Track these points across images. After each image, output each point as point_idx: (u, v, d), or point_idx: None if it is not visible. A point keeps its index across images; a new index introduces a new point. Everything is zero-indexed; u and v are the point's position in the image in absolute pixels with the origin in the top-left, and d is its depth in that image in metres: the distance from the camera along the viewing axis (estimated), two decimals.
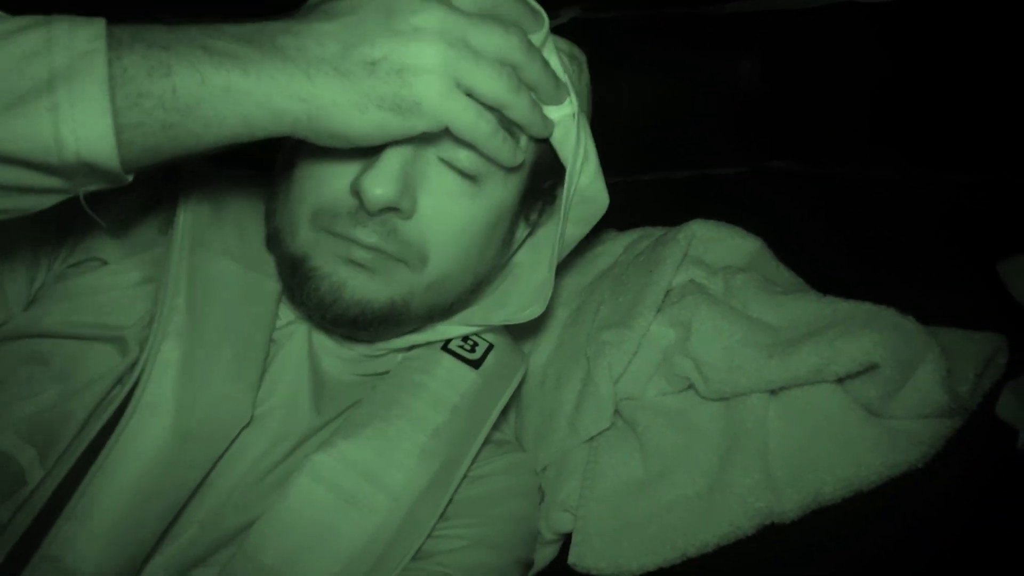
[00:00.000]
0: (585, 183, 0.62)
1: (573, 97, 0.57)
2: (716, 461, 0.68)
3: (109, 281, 0.60)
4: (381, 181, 0.53)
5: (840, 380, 0.64)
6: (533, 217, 0.69)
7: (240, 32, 0.45)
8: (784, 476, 0.63)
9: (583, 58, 0.67)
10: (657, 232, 0.85)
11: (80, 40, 0.39)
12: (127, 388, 0.54)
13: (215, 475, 0.59)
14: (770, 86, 1.04)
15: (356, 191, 0.54)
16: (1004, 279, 0.70)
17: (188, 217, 0.61)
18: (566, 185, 0.60)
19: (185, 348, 0.56)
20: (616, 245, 0.88)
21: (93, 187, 0.43)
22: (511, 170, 0.59)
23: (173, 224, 0.61)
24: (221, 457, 0.58)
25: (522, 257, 0.73)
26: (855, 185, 0.98)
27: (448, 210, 0.58)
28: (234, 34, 0.44)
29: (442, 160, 0.57)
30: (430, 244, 0.58)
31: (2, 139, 0.38)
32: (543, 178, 0.65)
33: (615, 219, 0.77)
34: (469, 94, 0.49)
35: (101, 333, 0.58)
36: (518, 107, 0.51)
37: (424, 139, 0.53)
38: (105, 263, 0.61)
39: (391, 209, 0.55)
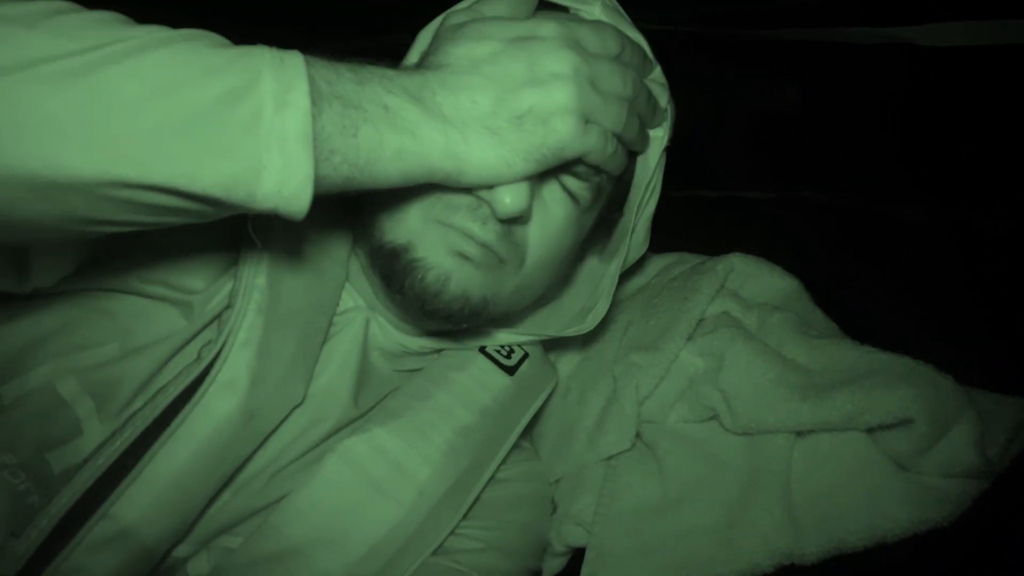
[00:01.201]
0: (644, 219, 0.68)
1: (668, 127, 0.64)
2: (736, 495, 0.68)
3: (189, 241, 0.61)
4: (515, 192, 0.54)
5: (870, 430, 0.65)
6: (585, 245, 0.71)
7: (409, 85, 0.48)
8: (807, 519, 0.64)
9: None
10: (693, 259, 0.85)
11: (288, 90, 0.41)
12: (206, 362, 0.55)
13: (259, 450, 0.60)
14: (808, 115, 1.05)
15: (481, 196, 0.56)
16: None
17: None
18: (633, 207, 0.66)
19: (264, 327, 0.57)
20: (649, 266, 0.89)
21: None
22: (599, 198, 0.64)
23: None
24: (271, 434, 0.60)
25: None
26: (885, 223, 0.98)
27: (552, 223, 0.61)
28: (405, 88, 0.47)
29: (557, 179, 0.60)
30: (531, 249, 0.61)
31: (205, 180, 0.40)
32: (613, 209, 0.69)
33: None
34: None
35: (170, 295, 0.59)
36: (631, 133, 0.56)
37: None
38: None
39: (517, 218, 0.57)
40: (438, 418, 0.64)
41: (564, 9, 0.64)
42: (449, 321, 0.61)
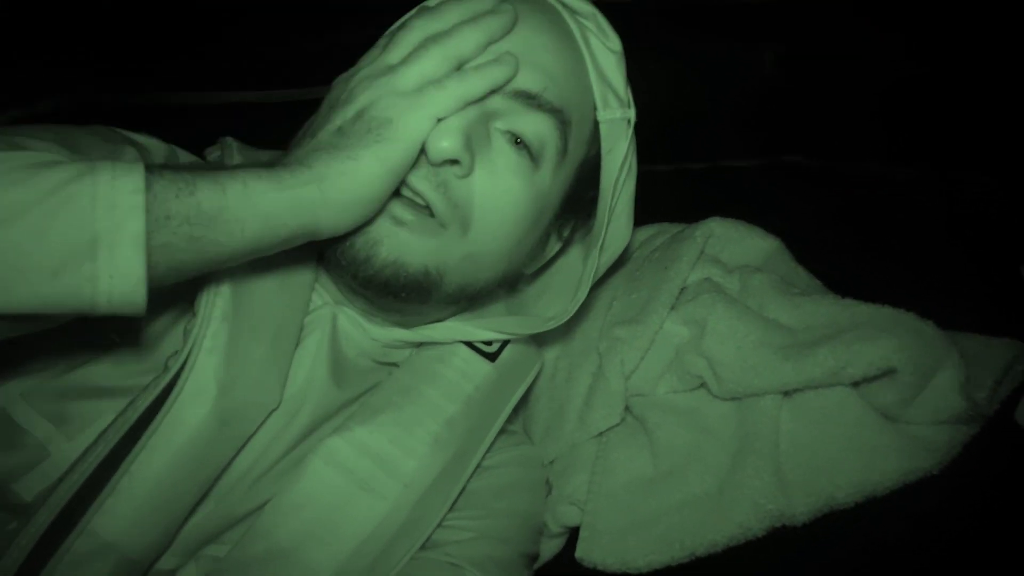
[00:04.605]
0: (623, 203, 0.65)
1: (632, 107, 0.63)
2: (727, 461, 0.67)
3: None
4: (446, 134, 0.54)
5: (856, 384, 0.64)
6: (566, 233, 0.69)
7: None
8: (796, 479, 0.63)
9: None
10: (673, 228, 0.84)
11: (121, 194, 0.42)
12: (173, 372, 0.54)
13: (239, 456, 0.59)
14: (788, 78, 1.03)
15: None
16: None
17: None
18: (607, 191, 0.63)
19: (229, 333, 0.56)
20: (631, 240, 0.87)
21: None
22: (561, 163, 0.61)
23: None
24: (249, 439, 0.59)
25: (548, 276, 0.74)
26: (870, 183, 0.97)
27: (502, 181, 0.58)
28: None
29: (506, 133, 0.58)
30: (476, 210, 0.58)
31: (44, 300, 0.41)
32: (586, 185, 0.65)
33: None
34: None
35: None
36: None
37: (490, 112, 0.57)
38: None
39: (452, 162, 0.55)
40: (422, 412, 0.63)
41: None
42: (386, 291, 0.58)
